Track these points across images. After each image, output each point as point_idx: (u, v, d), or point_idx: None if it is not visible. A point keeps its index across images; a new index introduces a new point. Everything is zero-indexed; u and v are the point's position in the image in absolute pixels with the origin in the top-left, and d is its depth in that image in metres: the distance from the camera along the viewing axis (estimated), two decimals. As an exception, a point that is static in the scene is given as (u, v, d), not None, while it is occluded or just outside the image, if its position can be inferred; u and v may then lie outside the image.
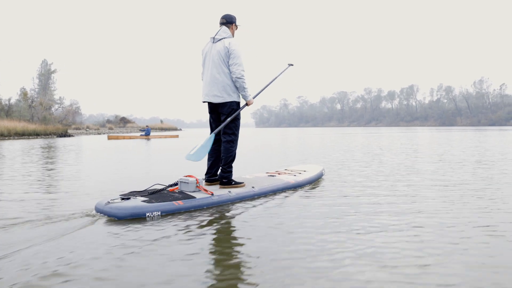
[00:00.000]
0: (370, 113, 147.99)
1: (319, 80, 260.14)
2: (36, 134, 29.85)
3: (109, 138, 23.75)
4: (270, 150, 12.56)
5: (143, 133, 26.32)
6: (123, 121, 65.93)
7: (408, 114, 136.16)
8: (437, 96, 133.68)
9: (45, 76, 60.85)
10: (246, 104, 4.33)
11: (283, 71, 4.89)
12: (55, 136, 30.32)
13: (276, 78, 4.79)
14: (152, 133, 36.10)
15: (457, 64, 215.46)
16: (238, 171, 6.03)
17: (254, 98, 4.42)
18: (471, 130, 43.54)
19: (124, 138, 24.14)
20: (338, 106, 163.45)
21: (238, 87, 4.20)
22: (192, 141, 20.22)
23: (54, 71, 61.65)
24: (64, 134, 32.03)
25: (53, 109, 51.99)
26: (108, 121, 68.09)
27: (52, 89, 61.53)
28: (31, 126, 31.12)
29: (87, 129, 46.71)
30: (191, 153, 4.08)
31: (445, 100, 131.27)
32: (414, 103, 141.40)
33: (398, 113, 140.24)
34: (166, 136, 26.62)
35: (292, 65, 4.93)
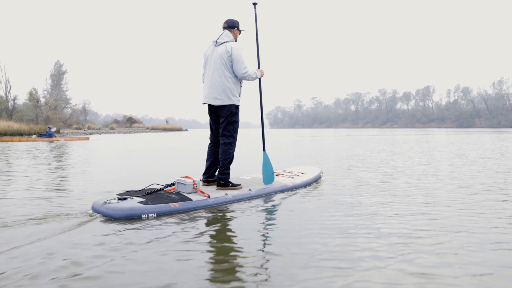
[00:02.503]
0: (385, 114, 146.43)
1: (333, 81, 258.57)
2: (20, 134, 28.08)
3: (0, 140, 21.63)
4: (276, 151, 12.52)
5: (46, 134, 23.84)
6: (130, 121, 66.58)
7: (424, 116, 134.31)
8: (454, 97, 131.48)
9: (57, 76, 61.87)
10: (260, 80, 4.60)
11: (255, 15, 4.64)
12: (36, 136, 28.55)
13: (257, 26, 4.63)
14: (97, 135, 32.51)
15: (475, 64, 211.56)
16: (239, 170, 6.02)
17: (259, 68, 4.57)
18: (491, 132, 42.54)
19: (20, 140, 21.63)
20: (353, 107, 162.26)
21: (248, 80, 4.36)
22: (103, 144, 18.31)
23: (65, 72, 62.70)
24: (45, 135, 29.87)
25: (59, 108, 52.30)
26: (116, 121, 68.75)
27: (64, 89, 62.51)
28: (15, 126, 29.87)
29: (86, 130, 45.98)
30: (264, 179, 4.55)
31: (463, 102, 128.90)
32: (430, 104, 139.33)
33: (413, 114, 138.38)
34: (73, 139, 23.89)
35: (255, 4, 4.66)
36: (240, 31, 4.46)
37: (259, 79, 4.63)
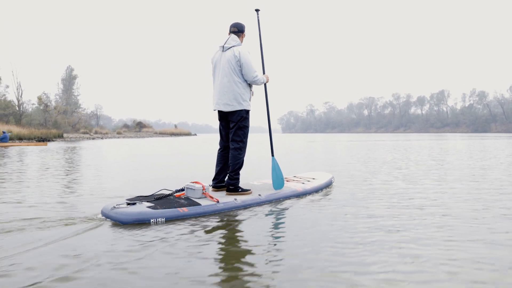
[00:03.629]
0: (399, 119, 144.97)
1: (346, 86, 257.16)
2: (19, 139, 28.46)
3: None
4: (286, 157, 12.46)
5: None
6: (139, 126, 67.15)
7: (438, 120, 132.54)
8: (470, 101, 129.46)
9: (67, 81, 62.33)
10: (265, 85, 4.54)
11: (258, 21, 4.66)
12: (34, 141, 28.03)
13: (260, 32, 4.64)
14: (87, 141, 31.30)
15: (492, 67, 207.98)
16: (249, 176, 5.96)
17: (264, 74, 4.55)
18: (507, 137, 41.34)
19: None
20: (366, 112, 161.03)
21: (257, 85, 4.36)
22: (58, 150, 16.34)
23: (75, 76, 63.06)
24: (43, 139, 28.98)
25: (68, 113, 52.93)
26: (125, 126, 69.44)
27: (76, 94, 63.02)
28: (15, 130, 30.03)
29: (91, 134, 45.63)
30: (273, 184, 4.51)
31: (479, 106, 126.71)
32: (445, 109, 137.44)
33: (427, 119, 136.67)
34: (29, 144, 22.47)
35: (258, 10, 4.66)
36: (245, 35, 4.46)
37: (265, 84, 4.60)
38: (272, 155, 4.70)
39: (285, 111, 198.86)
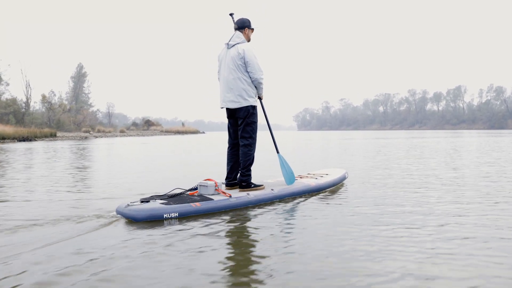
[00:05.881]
0: (414, 116, 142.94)
1: (362, 82, 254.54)
2: (2, 138, 26.85)
3: None
4: (298, 156, 12.57)
5: None
6: (147, 124, 66.80)
7: (454, 117, 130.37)
8: (487, 97, 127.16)
9: (77, 78, 62.26)
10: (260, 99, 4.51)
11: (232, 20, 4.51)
12: (16, 141, 26.84)
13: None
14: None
15: (510, 62, 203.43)
16: (261, 175, 6.00)
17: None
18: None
19: None
20: (381, 109, 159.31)
21: (257, 89, 4.34)
22: None
23: (85, 74, 62.89)
24: (25, 139, 27.89)
25: (72, 111, 52.60)
26: (134, 124, 69.30)
27: (87, 92, 63.05)
28: None
29: (91, 133, 44.01)
30: (285, 180, 4.54)
31: (497, 102, 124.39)
32: (461, 105, 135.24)
33: (443, 115, 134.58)
34: None
35: (232, 14, 4.54)
36: (252, 30, 4.42)
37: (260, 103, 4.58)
38: (277, 152, 4.71)
39: (301, 108, 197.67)
